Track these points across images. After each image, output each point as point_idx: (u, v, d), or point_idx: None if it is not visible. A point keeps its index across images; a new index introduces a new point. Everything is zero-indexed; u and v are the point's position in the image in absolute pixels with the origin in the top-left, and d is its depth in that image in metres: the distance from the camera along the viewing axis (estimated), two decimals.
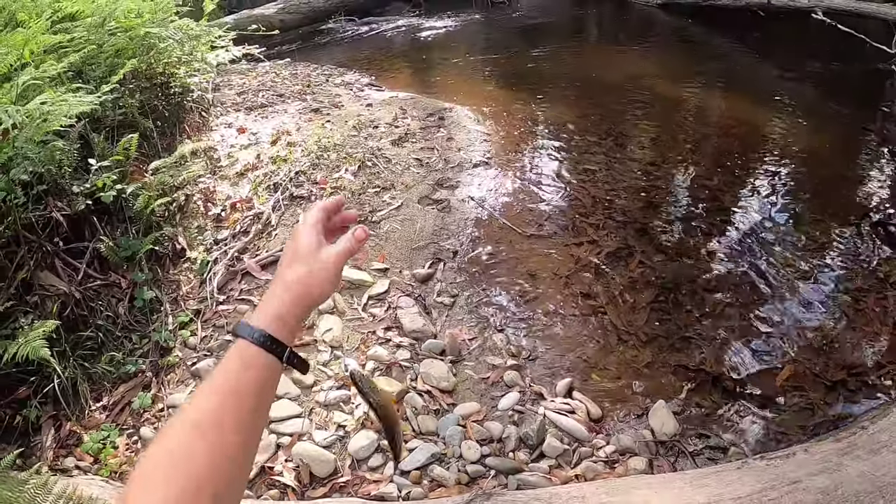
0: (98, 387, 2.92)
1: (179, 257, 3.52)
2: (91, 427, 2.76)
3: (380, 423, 1.12)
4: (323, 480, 2.46)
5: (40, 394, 2.80)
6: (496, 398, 2.89)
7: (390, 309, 3.09)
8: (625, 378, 3.11)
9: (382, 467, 2.50)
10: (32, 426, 2.77)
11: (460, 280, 3.44)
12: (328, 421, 2.61)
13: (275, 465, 2.48)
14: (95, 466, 2.62)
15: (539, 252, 3.77)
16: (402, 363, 2.84)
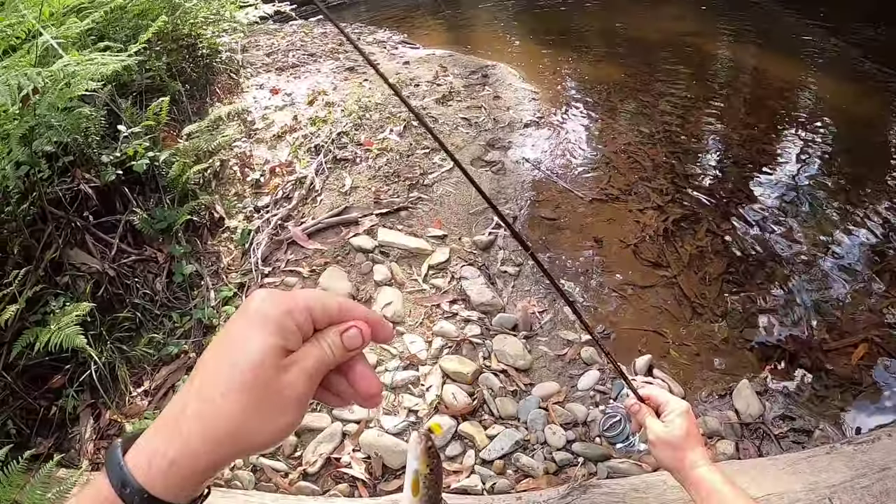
0: (138, 371, 2.59)
1: (218, 227, 3.17)
2: (133, 415, 2.44)
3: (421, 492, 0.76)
4: (396, 472, 2.13)
5: (76, 381, 2.48)
6: (575, 377, 2.55)
7: (454, 280, 2.73)
8: (703, 355, 2.78)
9: (462, 456, 2.17)
10: (69, 417, 2.45)
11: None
12: (397, 405, 2.27)
13: (341, 455, 2.15)
14: None
15: (603, 217, 3.40)
16: (473, 339, 2.49)
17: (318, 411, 2.29)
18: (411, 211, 3.06)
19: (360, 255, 2.78)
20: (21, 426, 2.39)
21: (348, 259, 2.79)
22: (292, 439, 2.21)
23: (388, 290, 2.64)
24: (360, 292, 2.65)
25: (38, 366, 2.49)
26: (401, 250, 2.82)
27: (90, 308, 2.40)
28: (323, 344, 0.54)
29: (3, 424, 2.36)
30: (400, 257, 2.80)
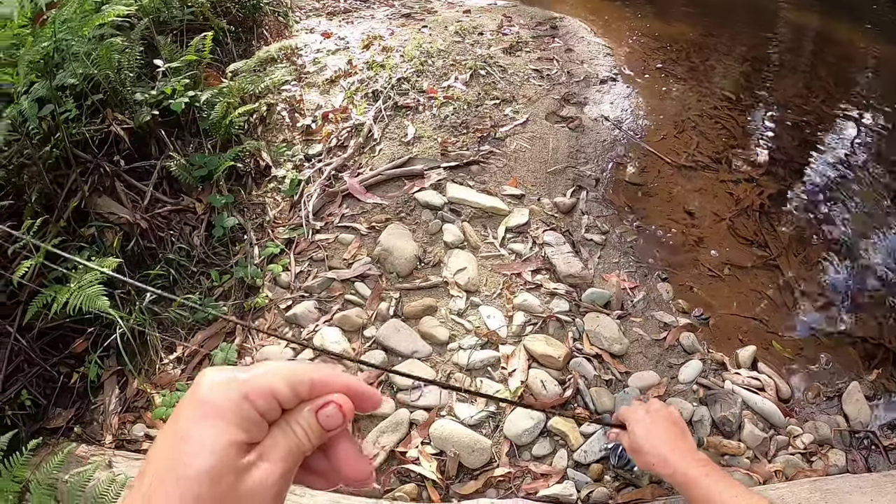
0: (170, 335, 2.20)
1: (264, 176, 2.75)
2: (164, 385, 2.06)
3: None
4: (474, 472, 1.72)
5: (101, 346, 2.11)
6: (675, 367, 2.11)
7: (536, 246, 2.29)
8: (808, 349, 2.33)
9: (552, 456, 1.75)
10: (92, 386, 2.09)
11: (608, 213, 2.62)
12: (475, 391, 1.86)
13: (408, 449, 1.74)
14: None
15: (692, 186, 2.93)
16: (560, 316, 2.06)
17: (382, 392, 1.88)
18: (483, 166, 2.61)
19: (427, 213, 2.35)
20: (37, 396, 2.04)
21: (413, 216, 2.36)
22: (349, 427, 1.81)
23: (460, 253, 2.21)
24: (427, 254, 2.22)
25: (57, 328, 2.13)
26: (474, 209, 2.38)
27: (117, 264, 2.02)
28: (295, 429, 0.45)
29: (16, 395, 2.01)
30: (473, 217, 2.36)
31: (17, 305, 2.06)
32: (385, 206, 2.42)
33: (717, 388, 2.08)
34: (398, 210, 2.39)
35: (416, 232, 2.30)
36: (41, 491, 1.58)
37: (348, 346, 1.99)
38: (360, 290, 2.15)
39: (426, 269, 2.18)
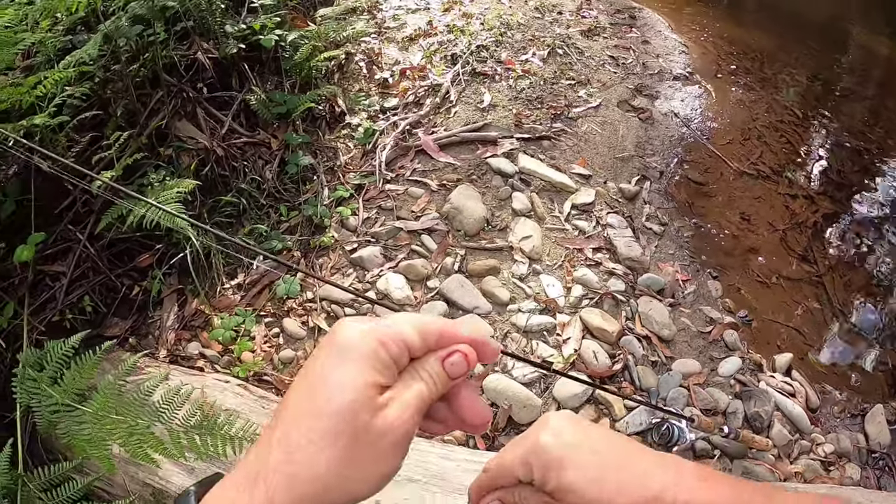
0: (234, 261, 2.29)
1: (338, 122, 2.83)
2: (222, 308, 2.16)
3: None
4: (521, 427, 1.82)
5: (165, 264, 2.18)
6: (716, 360, 2.19)
7: (599, 226, 2.37)
8: (839, 366, 2.42)
9: (596, 422, 1.85)
10: (153, 301, 2.17)
11: (668, 206, 2.68)
12: (529, 352, 1.95)
13: None
14: (225, 358, 2.03)
15: (751, 194, 2.98)
16: (616, 295, 2.14)
17: None
18: (554, 142, 2.68)
19: (497, 178, 2.43)
20: (98, 304, 2.12)
21: (483, 180, 2.44)
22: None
23: (527, 222, 2.29)
24: (494, 218, 2.30)
25: (125, 241, 2.21)
26: (543, 182, 2.45)
27: (193, 186, 2.07)
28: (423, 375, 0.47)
29: (79, 300, 2.09)
30: (541, 189, 2.43)
31: (90, 214, 2.13)
32: (457, 167, 2.49)
33: (752, 386, 2.15)
34: (469, 172, 2.47)
35: (485, 195, 2.37)
36: (107, 393, 1.63)
37: (411, 294, 2.08)
38: (426, 242, 2.23)
39: (493, 232, 2.27)
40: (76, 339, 1.69)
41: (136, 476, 1.74)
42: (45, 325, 1.99)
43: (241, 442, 1.62)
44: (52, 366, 1.68)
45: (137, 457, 1.63)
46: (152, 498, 1.73)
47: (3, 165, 1.96)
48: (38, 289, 2.08)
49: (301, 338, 2.07)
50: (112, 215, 2.03)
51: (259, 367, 2.00)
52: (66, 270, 2.10)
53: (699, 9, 4.66)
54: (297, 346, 2.06)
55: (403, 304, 2.06)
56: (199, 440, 1.61)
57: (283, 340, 2.08)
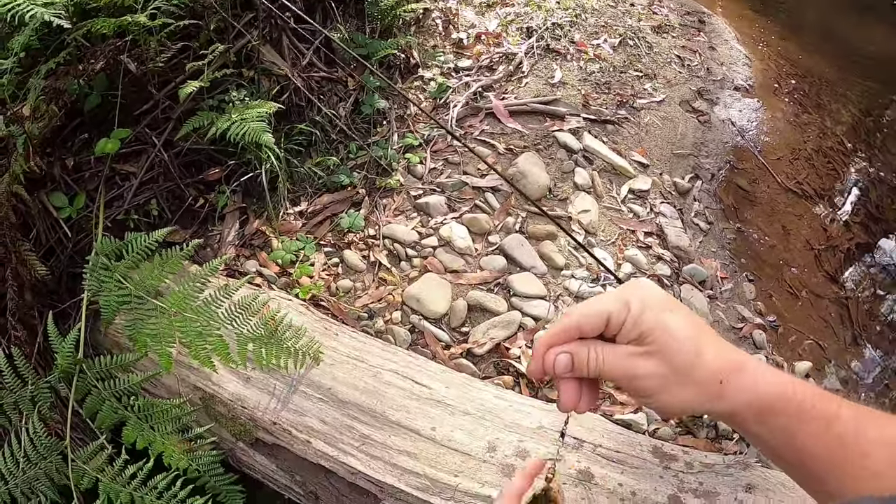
0: (298, 190, 2.42)
1: (411, 73, 2.96)
2: (283, 232, 2.29)
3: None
4: None
5: (233, 181, 2.31)
6: None
7: (652, 212, 2.51)
8: (851, 385, 2.59)
9: None
10: (217, 215, 2.30)
11: (715, 207, 2.84)
12: None
13: (512, 346, 2.00)
14: (281, 280, 2.17)
15: (793, 210, 3.13)
16: (663, 278, 2.30)
17: (495, 293, 2.13)
18: (618, 128, 2.81)
19: (562, 152, 2.56)
20: (164, 209, 2.24)
21: (549, 151, 2.58)
22: (462, 312, 2.06)
23: (586, 196, 2.43)
24: (556, 188, 2.45)
25: (197, 152, 2.31)
26: (605, 162, 2.59)
27: (276, 109, 2.18)
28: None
29: (146, 202, 2.20)
30: (602, 169, 2.57)
31: (168, 121, 2.23)
32: (524, 135, 2.63)
33: None
34: (536, 142, 2.61)
35: (549, 166, 2.51)
36: (184, 292, 1.73)
37: (472, 245, 2.23)
38: (489, 200, 2.37)
39: (553, 201, 2.41)
40: (160, 234, 1.78)
41: (188, 379, 1.86)
42: (109, 221, 2.11)
43: (305, 357, 1.74)
44: (132, 256, 1.77)
45: (199, 359, 1.72)
46: (200, 402, 1.85)
47: (93, 59, 2.04)
48: (108, 186, 2.16)
49: (361, 270, 2.22)
50: (193, 124, 2.13)
51: (318, 290, 2.14)
52: (138, 172, 2.20)
53: (767, 25, 4.76)
54: (356, 278, 2.20)
55: (464, 253, 2.21)
56: (264, 352, 1.71)
57: (342, 270, 2.22)
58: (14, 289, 1.82)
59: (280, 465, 1.85)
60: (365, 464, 1.68)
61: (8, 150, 1.87)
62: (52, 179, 2.04)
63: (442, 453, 1.65)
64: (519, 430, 1.69)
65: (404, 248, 2.24)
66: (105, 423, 1.77)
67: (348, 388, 1.78)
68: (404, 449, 1.67)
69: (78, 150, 2.14)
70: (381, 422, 1.72)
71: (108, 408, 1.76)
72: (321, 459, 1.72)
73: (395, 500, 1.66)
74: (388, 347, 1.90)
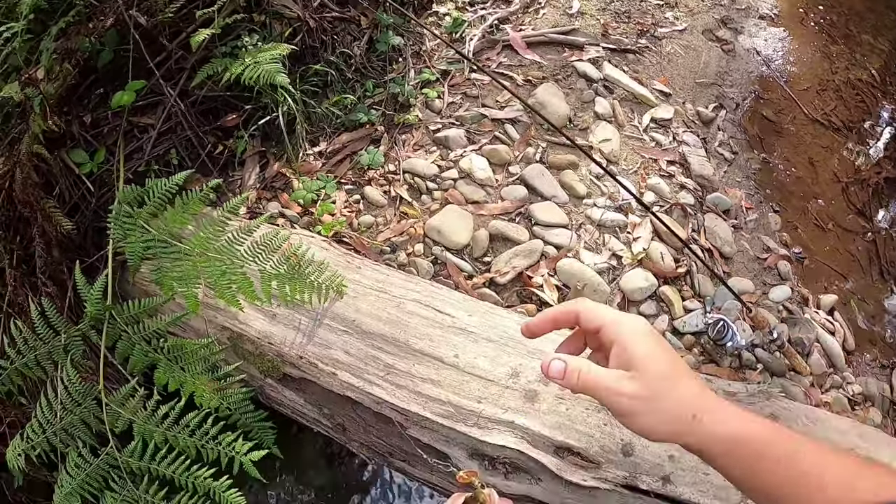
0: (316, 130, 2.40)
1: (425, 9, 2.89)
2: (304, 172, 2.28)
3: None
4: None
5: (251, 126, 2.30)
6: (768, 285, 2.34)
7: (675, 141, 2.47)
8: (879, 323, 2.57)
9: (654, 318, 2.00)
10: (237, 160, 2.30)
11: (740, 137, 2.79)
12: (600, 244, 2.09)
13: (535, 275, 2.00)
14: (304, 219, 2.18)
15: (820, 142, 3.06)
16: (686, 207, 2.27)
17: (516, 223, 2.12)
18: (638, 57, 2.75)
19: (582, 82, 2.52)
20: (184, 158, 2.24)
21: (568, 81, 2.53)
22: (484, 242, 2.05)
23: (607, 126, 2.39)
24: (576, 118, 2.41)
25: (213, 100, 2.30)
26: (625, 91, 2.54)
27: (289, 51, 2.13)
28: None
29: (165, 152, 2.21)
30: (623, 98, 2.53)
31: (182, 72, 2.20)
32: (543, 66, 2.58)
33: (798, 315, 2.30)
34: (555, 72, 2.56)
35: (569, 96, 2.47)
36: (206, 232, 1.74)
37: (493, 177, 2.21)
38: (509, 131, 2.35)
39: (573, 131, 2.38)
40: (179, 177, 1.77)
41: (215, 320, 1.87)
42: (131, 173, 2.12)
43: (328, 291, 1.75)
44: (153, 202, 1.78)
45: (224, 298, 1.74)
46: (228, 341, 1.87)
47: (102, 17, 2.01)
48: (127, 139, 2.18)
49: (382, 205, 2.21)
50: (207, 71, 2.11)
51: (340, 227, 2.14)
52: (155, 123, 2.21)
53: None
54: (378, 213, 2.20)
55: (485, 184, 2.19)
56: (288, 287, 1.72)
57: (364, 207, 2.22)
58: (42, 246, 1.86)
59: (308, 398, 1.88)
60: (390, 393, 1.70)
61: (26, 112, 1.89)
62: (71, 137, 2.06)
63: (465, 380, 1.66)
64: (542, 356, 1.70)
65: (424, 181, 2.22)
66: (137, 367, 1.80)
67: (372, 320, 1.79)
68: (428, 377, 1.69)
69: (94, 106, 2.13)
70: (405, 351, 1.73)
71: (138, 352, 1.79)
72: (347, 391, 1.74)
73: (420, 427, 1.68)
74: (410, 278, 1.91)
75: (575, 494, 1.56)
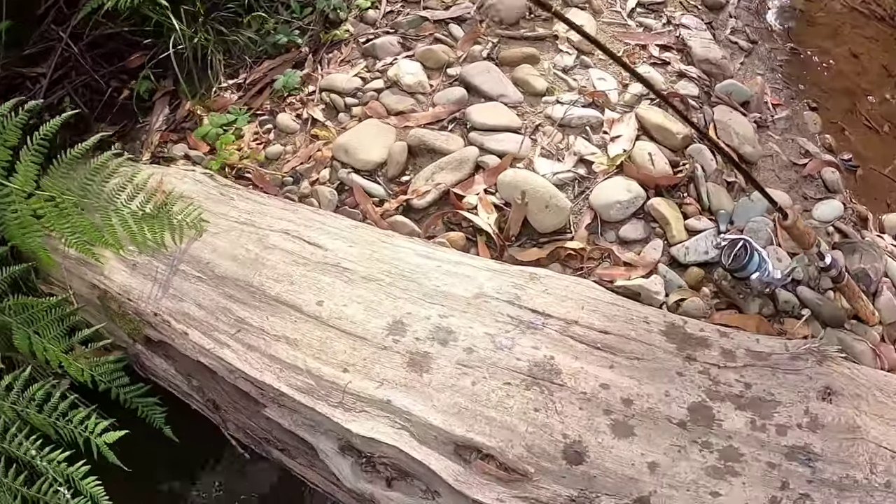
0: (236, 62, 1.70)
1: None
2: (217, 108, 1.58)
3: None
4: (540, 238, 1.16)
5: (158, 64, 1.67)
6: (810, 199, 1.43)
7: (670, 25, 1.58)
8: None
9: (642, 244, 1.16)
10: (143, 105, 1.68)
11: (758, 26, 1.85)
12: (563, 148, 1.26)
13: (467, 193, 1.19)
14: (209, 158, 1.47)
15: (862, 32, 2.06)
16: (688, 99, 1.40)
17: (450, 131, 1.32)
18: None
19: None
20: (81, 106, 1.65)
21: None
22: (401, 157, 1.27)
23: (579, 12, 1.53)
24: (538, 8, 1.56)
25: (113, 39, 1.72)
26: None
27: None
28: None
29: (59, 101, 1.65)
30: None
31: (75, 14, 1.64)
32: None
33: (856, 239, 1.38)
34: None
35: None
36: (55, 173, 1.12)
37: (426, 81, 1.41)
38: (453, 32, 1.53)
39: (535, 21, 1.53)
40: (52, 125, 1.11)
41: (85, 276, 1.25)
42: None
43: (182, 229, 1.05)
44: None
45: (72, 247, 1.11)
46: (99, 301, 1.24)
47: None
48: (18, 90, 1.65)
49: (293, 132, 1.47)
50: (92, 5, 1.53)
51: (244, 161, 1.41)
52: (46, 72, 1.67)
53: None
54: (287, 141, 1.45)
55: (414, 91, 1.39)
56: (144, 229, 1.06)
57: (274, 136, 1.48)
58: None
59: (176, 366, 1.18)
60: (241, 357, 0.98)
61: None
62: None
63: (329, 338, 0.92)
64: (446, 301, 0.91)
65: (343, 97, 1.46)
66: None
67: (227, 261, 1.07)
68: (283, 334, 0.95)
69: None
70: (259, 299, 1.00)
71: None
72: (199, 355, 1.05)
73: (278, 406, 0.95)
74: (287, 206, 1.16)
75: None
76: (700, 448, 0.80)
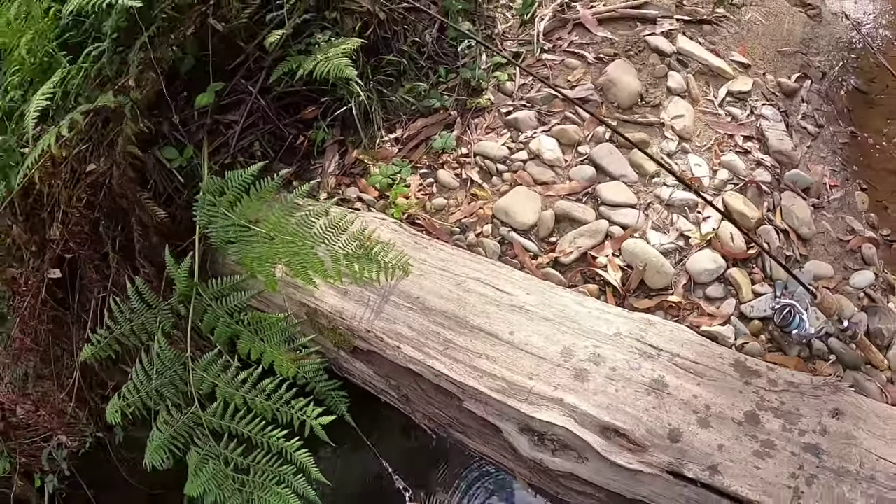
0: (392, 118, 2.36)
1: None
2: (380, 158, 2.25)
3: None
4: (651, 293, 1.85)
5: (329, 116, 2.31)
6: (849, 269, 2.10)
7: (753, 115, 2.25)
8: None
9: (721, 301, 1.85)
10: (316, 149, 2.31)
11: (826, 109, 2.51)
12: (668, 224, 1.94)
13: (599, 255, 1.89)
14: (380, 203, 2.15)
15: None
16: (762, 185, 2.07)
17: (583, 203, 2.00)
18: (715, 28, 2.51)
19: (654, 56, 2.32)
20: (267, 149, 2.29)
21: (640, 57, 2.34)
22: (550, 222, 1.95)
23: (680, 101, 2.20)
24: (648, 94, 2.23)
25: (292, 94, 2.33)
26: (700, 64, 2.33)
27: (359, 45, 2.09)
28: None
29: (249, 145, 2.28)
30: (698, 72, 2.32)
31: (261, 70, 2.24)
32: (614, 42, 2.40)
33: (881, 304, 2.06)
34: (627, 48, 2.37)
35: (641, 72, 2.29)
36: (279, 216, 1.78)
37: (562, 157, 2.09)
38: (580, 111, 2.21)
39: (645, 108, 2.21)
40: (254, 168, 1.84)
41: (294, 296, 1.91)
42: (218, 166, 2.18)
43: (395, 270, 1.72)
44: (232, 192, 1.84)
45: (299, 276, 1.78)
46: (306, 317, 1.91)
47: (182, 26, 2.06)
48: (213, 135, 2.26)
49: (454, 188, 2.15)
50: (283, 69, 2.13)
51: (413, 209, 2.10)
52: (239, 119, 2.27)
53: None
54: (449, 196, 2.14)
55: (553, 164, 2.08)
56: (356, 266, 1.72)
57: (437, 189, 2.16)
58: (139, 233, 1.99)
59: (376, 370, 1.88)
60: (448, 367, 1.66)
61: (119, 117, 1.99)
62: (162, 136, 2.15)
63: (519, 357, 1.61)
64: (596, 337, 1.61)
65: (495, 163, 2.14)
66: (221, 337, 1.88)
67: (434, 297, 1.75)
68: (484, 353, 1.64)
69: (181, 107, 2.21)
70: (464, 327, 1.69)
71: (222, 324, 1.87)
72: (409, 363, 1.72)
73: (475, 401, 1.64)
74: (473, 257, 1.85)
75: (619, 476, 1.48)
76: (750, 438, 1.48)
